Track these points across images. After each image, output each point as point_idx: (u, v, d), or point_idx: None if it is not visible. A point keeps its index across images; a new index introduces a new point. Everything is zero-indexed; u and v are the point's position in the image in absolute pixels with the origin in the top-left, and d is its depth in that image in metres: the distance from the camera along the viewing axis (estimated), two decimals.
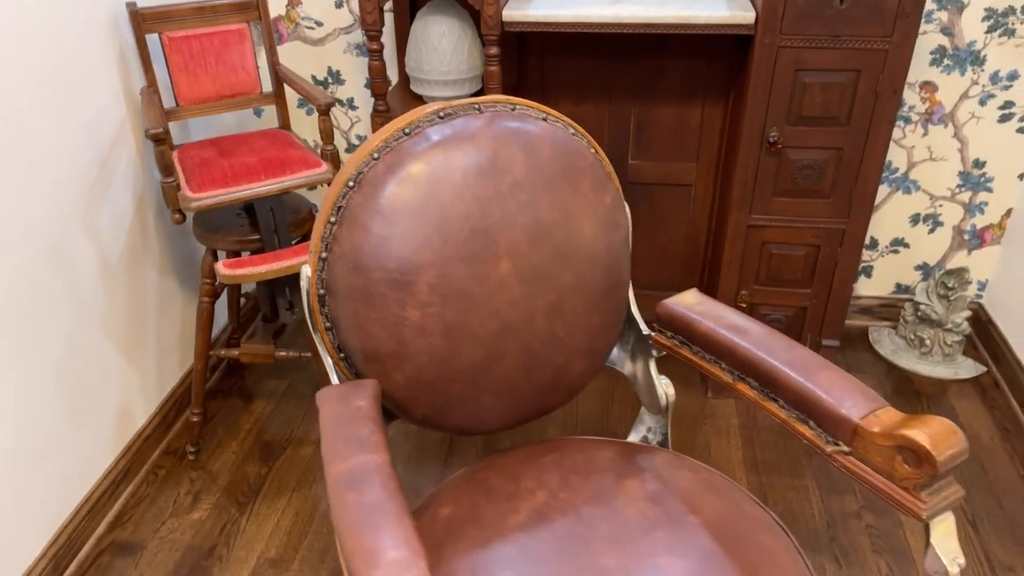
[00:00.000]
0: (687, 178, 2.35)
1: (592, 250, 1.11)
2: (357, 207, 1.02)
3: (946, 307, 2.34)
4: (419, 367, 1.05)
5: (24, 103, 1.55)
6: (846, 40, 1.79)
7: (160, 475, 2.04)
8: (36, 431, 1.66)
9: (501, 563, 1.00)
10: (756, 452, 2.11)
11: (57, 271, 1.68)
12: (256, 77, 1.97)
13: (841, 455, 0.96)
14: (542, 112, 1.12)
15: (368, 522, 0.79)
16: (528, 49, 2.23)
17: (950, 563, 0.88)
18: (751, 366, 1.05)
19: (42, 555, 1.69)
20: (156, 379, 2.09)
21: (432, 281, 1.02)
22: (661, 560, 1.00)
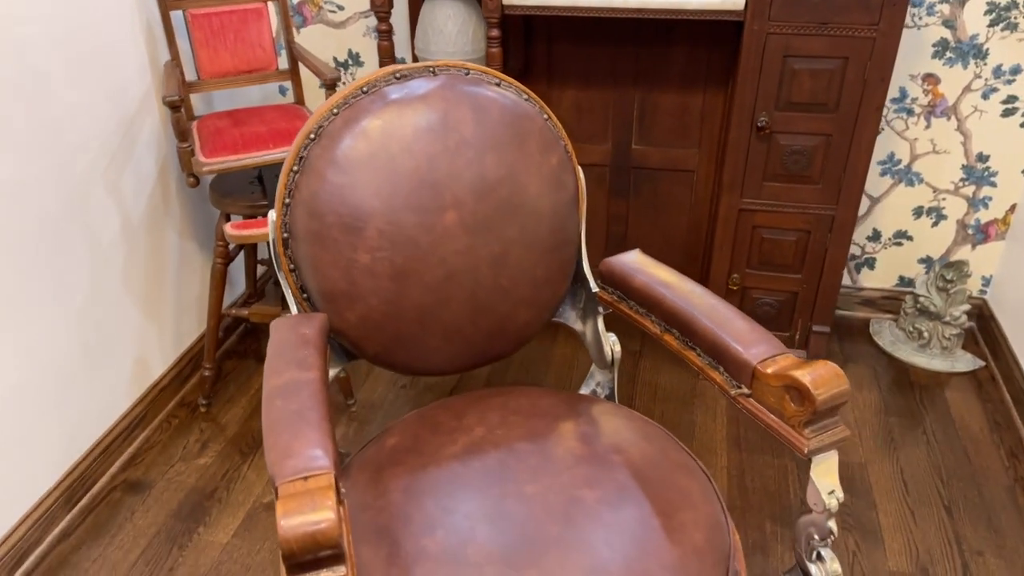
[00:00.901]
0: (689, 164, 2.41)
1: (537, 207, 1.20)
2: (316, 158, 1.12)
3: (945, 300, 2.35)
4: (369, 307, 1.15)
5: (53, 69, 1.71)
6: (834, 28, 1.84)
7: (173, 424, 2.19)
8: (57, 372, 1.81)
9: (431, 485, 1.09)
10: (740, 431, 2.15)
11: (81, 227, 1.83)
12: (273, 54, 2.10)
13: (743, 397, 1.02)
14: (495, 78, 1.21)
15: (289, 424, 0.89)
16: (535, 35, 2.32)
17: (828, 497, 0.94)
18: (675, 317, 1.12)
19: (55, 486, 1.84)
20: (173, 335, 2.23)
21: (381, 227, 1.12)
22: (579, 491, 1.08)
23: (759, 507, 1.92)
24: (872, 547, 1.82)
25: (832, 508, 0.94)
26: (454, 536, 1.02)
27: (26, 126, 1.65)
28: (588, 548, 1.01)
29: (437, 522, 1.04)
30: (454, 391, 2.29)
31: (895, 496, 1.95)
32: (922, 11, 2.15)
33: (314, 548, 0.75)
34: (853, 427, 2.16)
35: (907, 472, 2.02)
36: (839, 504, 0.94)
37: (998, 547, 1.81)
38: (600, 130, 2.42)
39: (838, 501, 0.94)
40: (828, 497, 0.94)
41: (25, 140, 1.65)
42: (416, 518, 1.05)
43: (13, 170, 1.62)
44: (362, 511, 1.08)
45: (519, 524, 1.04)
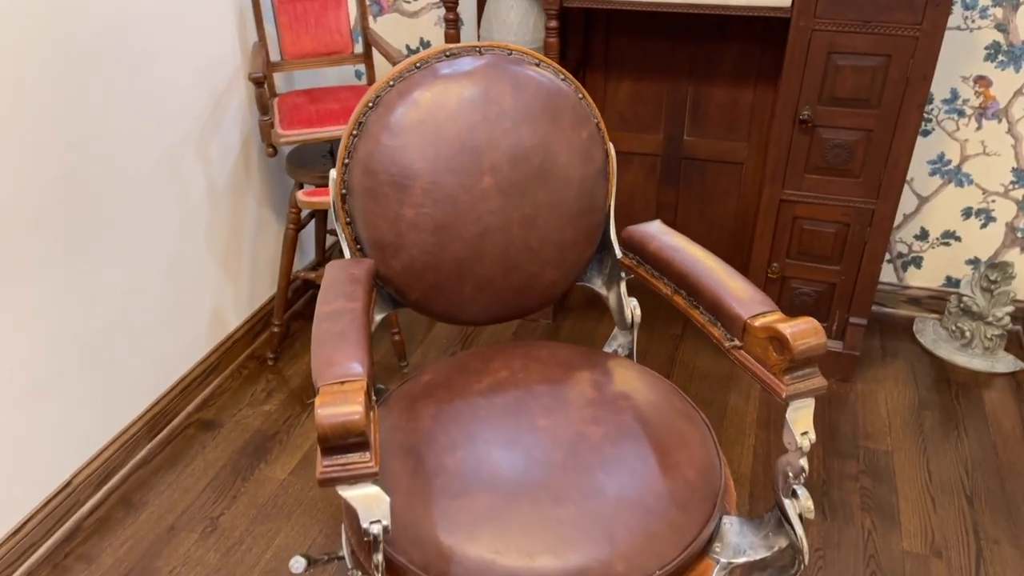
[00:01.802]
0: (738, 156, 2.50)
1: (566, 175, 1.33)
2: (372, 123, 1.28)
3: (988, 300, 2.37)
4: (412, 257, 1.30)
5: (154, 45, 1.92)
6: (877, 26, 1.90)
7: (244, 373, 2.40)
8: (148, 314, 2.03)
9: (456, 415, 1.24)
10: (771, 414, 2.24)
11: (171, 187, 2.05)
12: (349, 39, 2.28)
13: (735, 349, 1.13)
14: (535, 59, 1.35)
15: (333, 342, 1.05)
16: (595, 28, 2.44)
17: (801, 437, 1.04)
18: (683, 279, 1.24)
19: (139, 417, 2.07)
20: (248, 294, 2.45)
21: (425, 186, 1.27)
22: (586, 428, 1.21)
23: None
24: (888, 528, 1.89)
25: (804, 448, 1.04)
26: (471, 457, 1.17)
27: (129, 97, 1.87)
28: (588, 474, 1.14)
29: (457, 444, 1.19)
30: None
31: (917, 483, 2.01)
32: (975, 14, 2.19)
33: (344, 435, 0.90)
34: (884, 418, 2.22)
35: (933, 462, 2.07)
36: (811, 444, 1.05)
37: (1015, 537, 1.86)
38: (653, 121, 2.53)
39: (810, 442, 1.04)
40: (801, 438, 1.04)
41: (128, 109, 1.87)
42: (440, 440, 1.20)
43: (117, 136, 1.85)
44: (395, 432, 1.23)
45: (528, 451, 1.17)
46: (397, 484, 1.14)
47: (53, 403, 1.80)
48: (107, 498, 1.97)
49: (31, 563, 1.79)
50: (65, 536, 1.86)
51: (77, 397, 1.86)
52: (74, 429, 1.88)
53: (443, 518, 1.09)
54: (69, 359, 1.82)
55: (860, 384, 2.35)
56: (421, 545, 1.07)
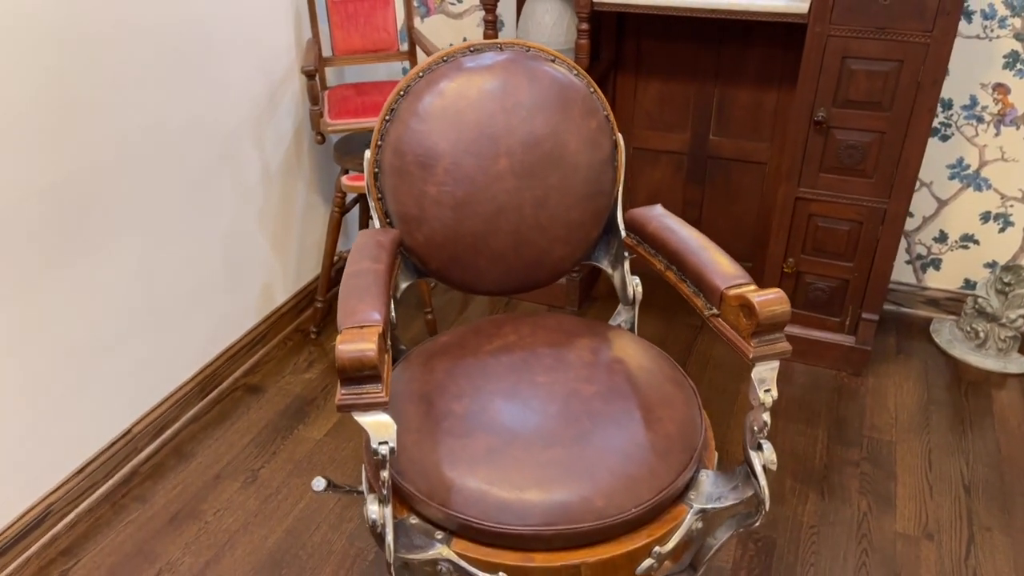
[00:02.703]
0: (761, 156, 2.60)
1: (575, 161, 1.47)
2: (403, 110, 1.44)
3: (1003, 302, 2.43)
4: (433, 230, 1.46)
5: (218, 40, 2.12)
6: (890, 33, 2.00)
7: (288, 345, 2.60)
8: (203, 283, 2.24)
9: (466, 369, 1.39)
10: (781, 402, 2.34)
11: (230, 170, 2.25)
12: (395, 37, 2.46)
13: (713, 317, 1.26)
14: (551, 55, 1.50)
15: (357, 294, 1.21)
16: (627, 31, 2.58)
17: (764, 393, 1.16)
18: (675, 255, 1.37)
19: (192, 378, 2.27)
20: (295, 271, 2.65)
21: (447, 166, 1.43)
22: (579, 385, 1.35)
23: (783, 465, 2.11)
24: (883, 511, 1.98)
25: (767, 403, 1.17)
26: (475, 404, 1.32)
27: (197, 86, 2.07)
28: (577, 424, 1.28)
29: (465, 393, 1.34)
30: None
31: (917, 472, 2.09)
32: (994, 23, 2.26)
33: (359, 368, 1.06)
34: (891, 411, 2.30)
35: (934, 453, 2.15)
36: (773, 401, 1.17)
37: (1007, 526, 1.93)
38: (681, 120, 2.65)
39: (772, 398, 1.17)
40: (764, 394, 1.17)
41: (195, 97, 2.07)
42: (450, 389, 1.35)
43: (184, 121, 2.05)
44: (411, 382, 1.39)
45: (526, 402, 1.32)
46: (410, 425, 1.30)
47: (119, 359, 2.01)
48: (161, 448, 2.17)
49: (93, 499, 2.00)
50: (123, 479, 2.07)
51: (139, 356, 2.07)
52: (136, 384, 2.09)
53: (447, 455, 1.24)
54: (134, 321, 2.03)
55: (872, 379, 2.43)
56: (427, 476, 1.23)
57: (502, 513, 1.18)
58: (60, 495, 1.91)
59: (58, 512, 1.92)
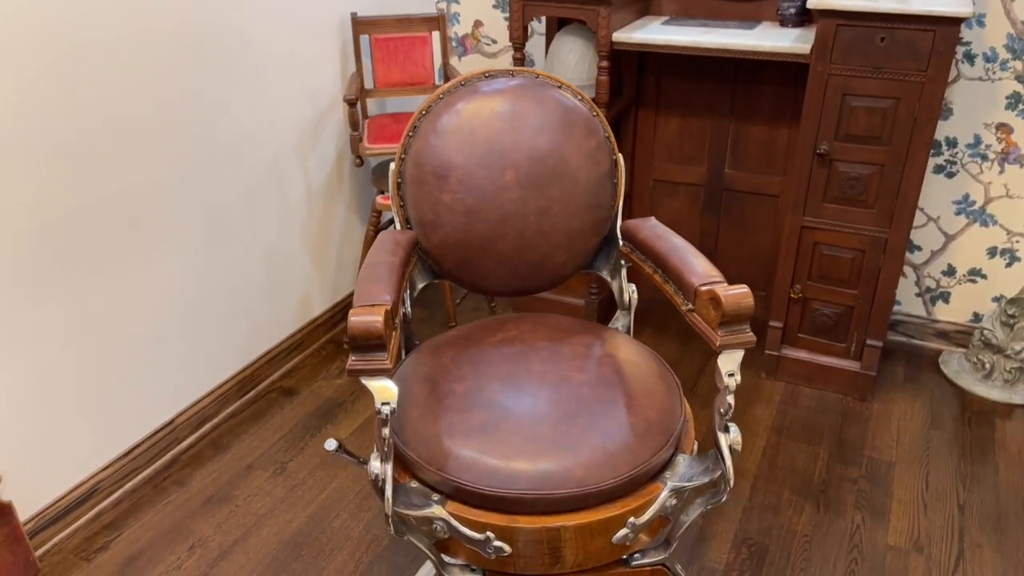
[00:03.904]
0: (774, 190, 2.74)
1: (576, 176, 1.63)
2: (424, 127, 1.63)
3: (1008, 334, 2.50)
4: (447, 234, 1.63)
5: (272, 70, 2.36)
6: (886, 72, 2.14)
7: (322, 354, 2.78)
8: (247, 289, 2.44)
9: (469, 357, 1.55)
10: (785, 422, 2.43)
11: (275, 186, 2.47)
12: (432, 72, 2.68)
13: (689, 312, 1.39)
14: (557, 82, 1.67)
15: (372, 280, 1.37)
16: (647, 70, 2.76)
17: (728, 377, 1.29)
18: (660, 259, 1.51)
19: (232, 377, 2.46)
20: (332, 285, 2.84)
21: (460, 177, 1.60)
22: (571, 374, 1.49)
23: (782, 479, 2.20)
24: (876, 525, 2.05)
25: (730, 387, 1.29)
26: (475, 385, 1.47)
27: (251, 111, 2.30)
28: (564, 405, 1.42)
29: (466, 376, 1.49)
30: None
31: (914, 490, 2.16)
32: (995, 66, 2.38)
33: (367, 336, 1.22)
34: (894, 434, 2.38)
35: (932, 474, 2.22)
36: (736, 384, 1.30)
37: (999, 544, 1.99)
38: (698, 154, 2.81)
39: (736, 382, 1.29)
40: (728, 378, 1.29)
41: (249, 121, 2.30)
42: (453, 372, 1.51)
43: (235, 141, 2.28)
44: (420, 366, 1.55)
45: (520, 386, 1.47)
46: (416, 401, 1.45)
47: (166, 356, 2.21)
48: (201, 439, 2.36)
49: (136, 482, 2.19)
50: (165, 464, 2.26)
51: (185, 354, 2.27)
52: (180, 380, 2.28)
53: (447, 427, 1.39)
54: (183, 322, 2.24)
55: (877, 404, 2.51)
56: (428, 445, 1.38)
57: (492, 478, 1.32)
58: (107, 474, 2.10)
59: (104, 490, 2.11)
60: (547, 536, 1.32)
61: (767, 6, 2.51)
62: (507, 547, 1.32)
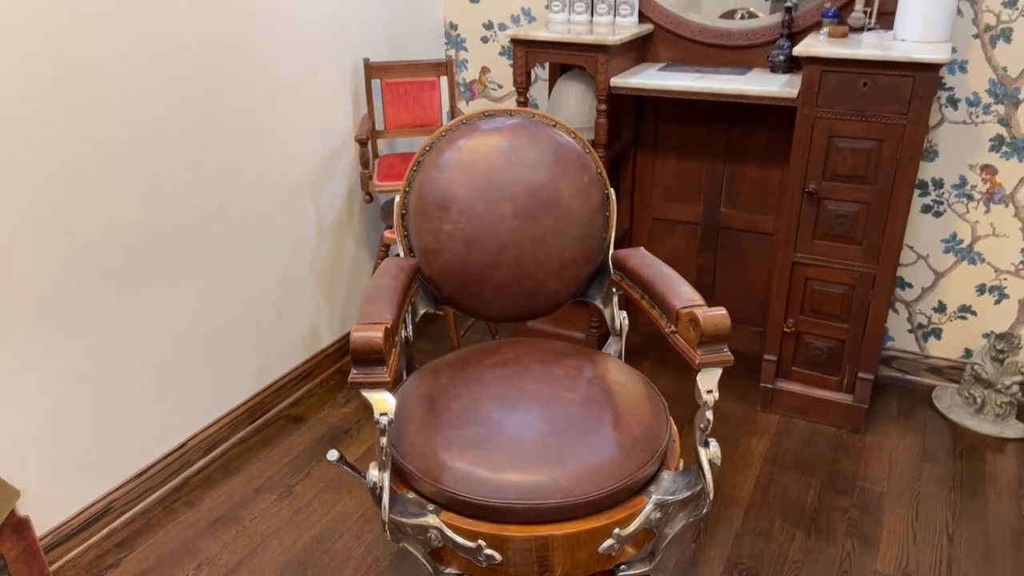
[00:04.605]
0: (768, 228, 2.83)
1: (569, 208, 1.73)
2: (427, 162, 1.74)
3: (998, 369, 2.56)
4: (447, 261, 1.73)
5: (289, 110, 2.50)
6: (869, 115, 2.25)
7: (330, 383, 2.87)
8: (258, 321, 2.54)
9: (466, 377, 1.63)
10: (779, 452, 2.49)
11: (288, 221, 2.59)
12: (439, 115, 2.81)
13: (671, 333, 1.48)
14: (552, 121, 1.79)
15: (374, 301, 1.47)
16: (645, 113, 2.88)
17: (706, 394, 1.37)
18: (646, 284, 1.60)
19: (242, 404, 2.55)
20: (341, 317, 2.94)
21: (461, 208, 1.71)
22: (561, 392, 1.57)
23: (774, 507, 2.25)
24: (866, 552, 2.10)
25: (709, 403, 1.37)
26: (470, 403, 1.55)
27: (267, 149, 2.44)
28: (554, 421, 1.50)
29: (462, 394, 1.58)
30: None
31: (904, 520, 2.21)
32: (978, 110, 2.48)
33: (368, 351, 1.31)
34: (886, 465, 2.42)
35: (923, 505, 2.26)
36: (714, 400, 1.37)
37: (987, 572, 2.03)
38: (694, 194, 2.91)
39: (714, 398, 1.37)
40: (707, 395, 1.37)
41: (264, 158, 2.43)
42: (450, 391, 1.59)
43: (251, 177, 2.40)
44: (419, 386, 1.64)
45: (513, 404, 1.55)
46: (414, 418, 1.54)
47: (180, 381, 2.31)
48: (211, 463, 2.44)
49: (148, 503, 2.27)
50: (176, 486, 2.34)
51: (198, 380, 2.37)
52: (193, 404, 2.37)
53: (442, 442, 1.47)
54: (196, 349, 2.34)
55: (870, 437, 2.56)
56: (424, 458, 1.46)
57: (483, 489, 1.40)
58: (120, 494, 2.19)
59: (117, 509, 2.18)
60: (536, 545, 1.39)
61: (758, 54, 2.64)
62: (498, 555, 1.39)
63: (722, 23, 2.72)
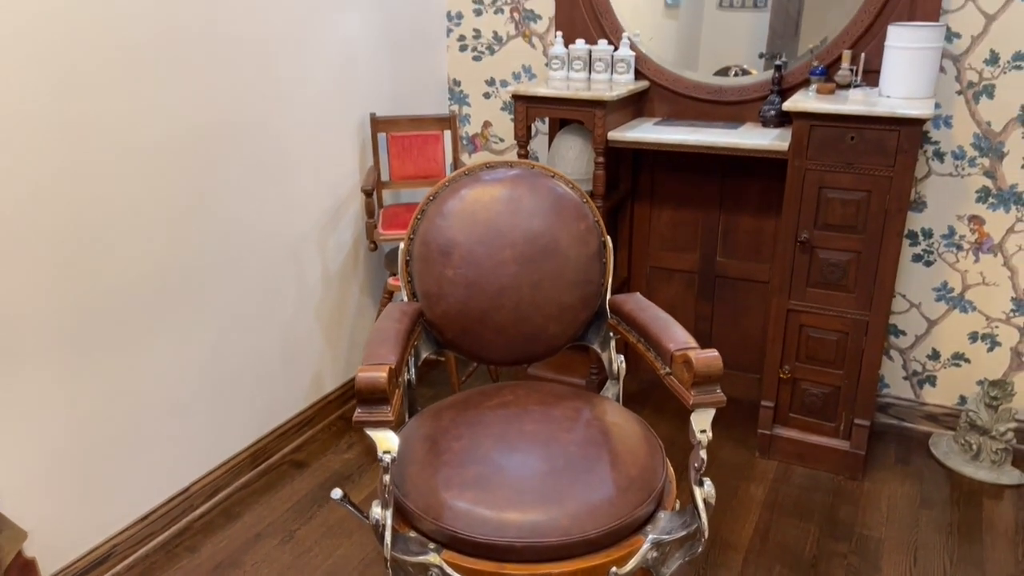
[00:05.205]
0: (764, 276, 2.89)
1: (567, 254, 1.80)
2: (431, 210, 1.81)
3: (992, 416, 2.59)
4: (449, 305, 1.78)
5: (298, 163, 2.58)
6: (857, 167, 2.33)
7: (332, 430, 2.90)
8: (263, 366, 2.59)
9: (467, 419, 1.67)
10: (777, 497, 2.51)
11: (295, 268, 2.66)
12: (443, 167, 2.90)
13: (666, 375, 1.52)
14: (551, 172, 1.86)
15: (377, 342, 1.52)
16: (642, 165, 2.97)
17: (700, 434, 1.41)
18: (642, 328, 1.65)
19: (246, 449, 2.58)
20: (344, 364, 2.99)
21: (463, 254, 1.77)
22: (559, 433, 1.61)
23: (773, 554, 2.26)
24: None
25: (703, 443, 1.41)
26: (471, 443, 1.59)
27: (276, 199, 2.51)
28: (552, 461, 1.53)
29: (464, 435, 1.61)
30: None
31: (902, 566, 2.22)
32: (964, 163, 2.57)
33: (372, 391, 1.36)
34: (884, 512, 2.44)
35: (921, 551, 2.27)
36: (708, 440, 1.41)
37: None
38: (691, 243, 2.98)
39: (707, 438, 1.41)
40: (701, 434, 1.41)
41: (273, 208, 2.51)
42: (452, 432, 1.63)
43: (261, 226, 2.48)
44: (421, 427, 1.68)
45: (513, 444, 1.59)
46: (416, 458, 1.58)
47: (184, 426, 2.34)
48: (214, 508, 2.46)
49: (150, 547, 2.28)
50: (179, 531, 2.35)
51: (202, 425, 2.41)
52: (197, 449, 2.41)
53: (443, 481, 1.51)
54: (203, 394, 2.38)
55: (868, 483, 2.58)
56: (425, 497, 1.49)
57: (483, 527, 1.43)
58: (124, 538, 2.20)
59: (120, 553, 2.20)
60: None
61: (750, 109, 2.74)
62: None
63: (715, 80, 2.82)
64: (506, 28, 3.13)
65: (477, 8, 3.15)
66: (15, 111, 1.76)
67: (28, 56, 1.77)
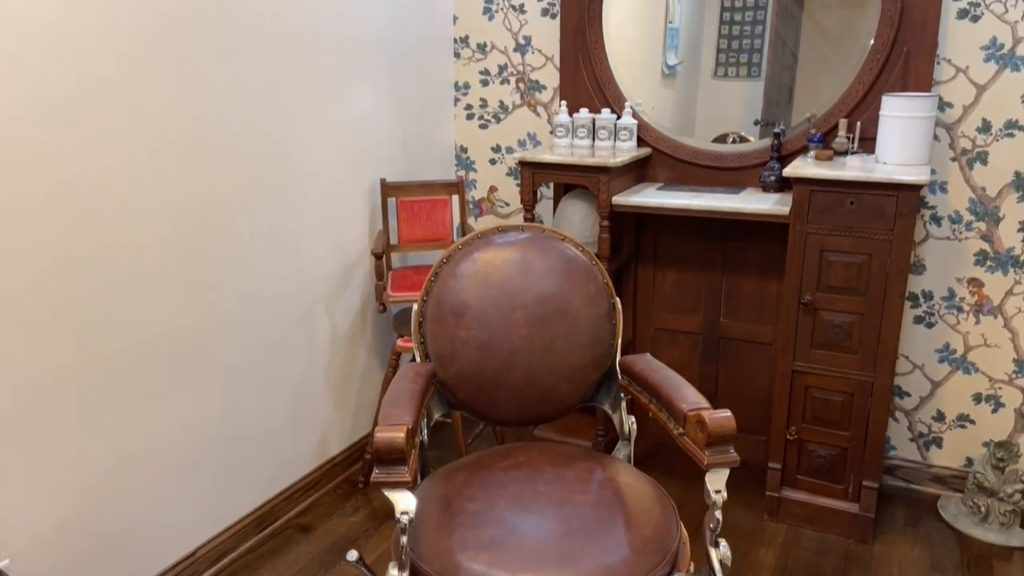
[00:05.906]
0: (767, 338, 2.92)
1: (577, 315, 1.83)
2: (444, 272, 1.85)
3: (999, 478, 2.59)
4: (462, 366, 1.81)
5: (308, 226, 2.64)
6: (857, 231, 2.38)
7: (338, 493, 2.89)
8: (267, 431, 2.59)
9: (480, 480, 1.68)
10: (788, 562, 2.49)
11: (304, 330, 2.68)
12: (450, 231, 2.96)
13: (679, 436, 1.54)
14: (560, 236, 1.91)
15: (393, 403, 1.54)
16: (645, 229, 3.03)
17: (715, 494, 1.42)
18: (654, 389, 1.67)
19: (252, 512, 2.57)
20: (351, 425, 2.99)
21: (475, 315, 1.81)
22: (573, 495, 1.62)
23: None
24: None
25: (717, 503, 1.42)
26: (485, 505, 1.60)
27: (283, 261, 2.56)
28: (567, 522, 1.54)
29: (477, 496, 1.62)
30: None
31: None
32: (961, 227, 2.63)
33: (390, 451, 1.38)
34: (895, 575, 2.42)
35: None
36: (723, 500, 1.42)
37: None
38: (694, 305, 3.02)
39: (722, 498, 1.42)
40: (716, 495, 1.42)
41: (282, 270, 2.56)
42: (465, 493, 1.64)
43: (271, 289, 2.52)
44: (435, 488, 1.69)
45: (527, 505, 1.59)
46: (430, 519, 1.58)
47: (190, 489, 2.34)
48: (219, 573, 2.43)
49: None
50: None
51: (209, 488, 2.40)
52: (202, 513, 2.39)
53: (458, 542, 1.51)
54: (211, 457, 2.38)
55: (878, 547, 2.57)
56: (440, 559, 1.50)
57: None
58: None
59: None
60: None
61: (750, 174, 2.81)
62: None
63: (714, 147, 2.91)
64: (512, 98, 3.23)
65: (484, 79, 3.26)
66: (35, 175, 1.82)
67: (51, 125, 1.83)
